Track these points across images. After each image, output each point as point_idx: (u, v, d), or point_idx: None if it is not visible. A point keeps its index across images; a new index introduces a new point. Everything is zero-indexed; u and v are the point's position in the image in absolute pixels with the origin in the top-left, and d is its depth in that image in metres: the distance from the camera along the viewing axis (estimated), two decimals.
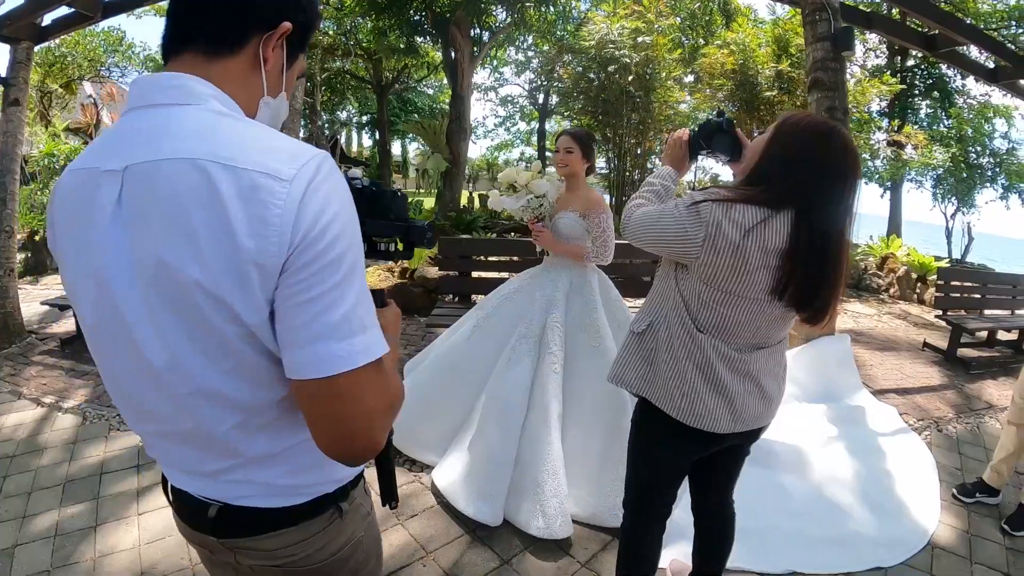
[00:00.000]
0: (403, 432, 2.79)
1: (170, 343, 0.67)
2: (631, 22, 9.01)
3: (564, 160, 2.71)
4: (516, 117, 25.30)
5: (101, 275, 0.68)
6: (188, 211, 0.62)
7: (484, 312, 2.91)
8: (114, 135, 0.71)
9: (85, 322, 0.74)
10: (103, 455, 2.87)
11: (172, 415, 0.73)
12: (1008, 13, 12.81)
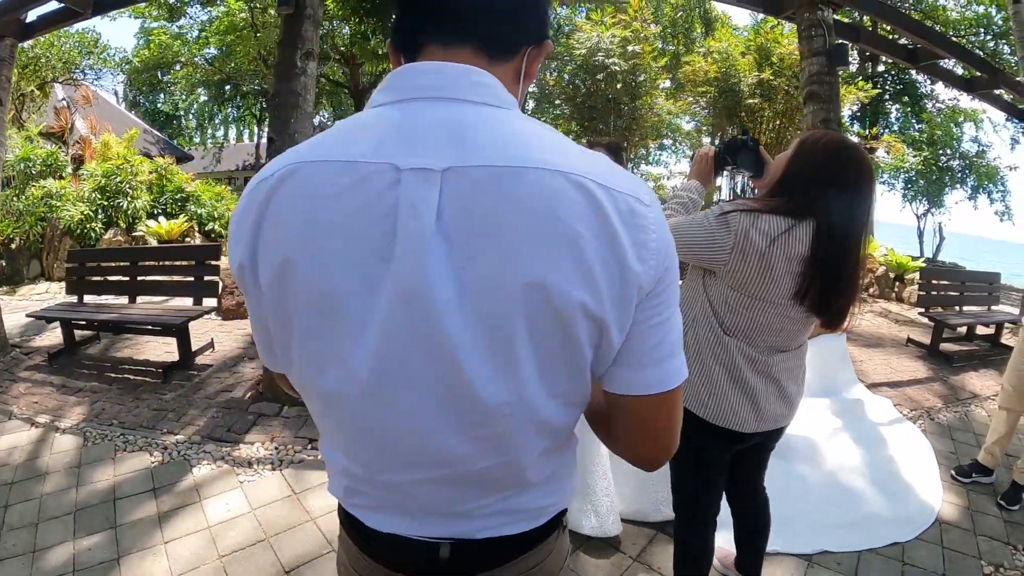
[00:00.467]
0: None
1: (519, 375, 0.60)
2: (619, 31, 9.25)
3: None
4: None
5: (415, 296, 0.56)
6: (574, 229, 0.55)
7: None
8: (385, 129, 0.60)
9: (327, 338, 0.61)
10: (113, 479, 2.60)
11: (472, 455, 0.64)
12: (976, 21, 13.51)
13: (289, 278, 0.60)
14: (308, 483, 2.59)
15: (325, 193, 0.58)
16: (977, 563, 2.33)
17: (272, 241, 0.60)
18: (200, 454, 2.79)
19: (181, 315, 4.01)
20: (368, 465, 0.69)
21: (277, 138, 3.19)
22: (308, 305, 0.60)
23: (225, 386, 3.64)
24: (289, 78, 3.16)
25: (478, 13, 0.63)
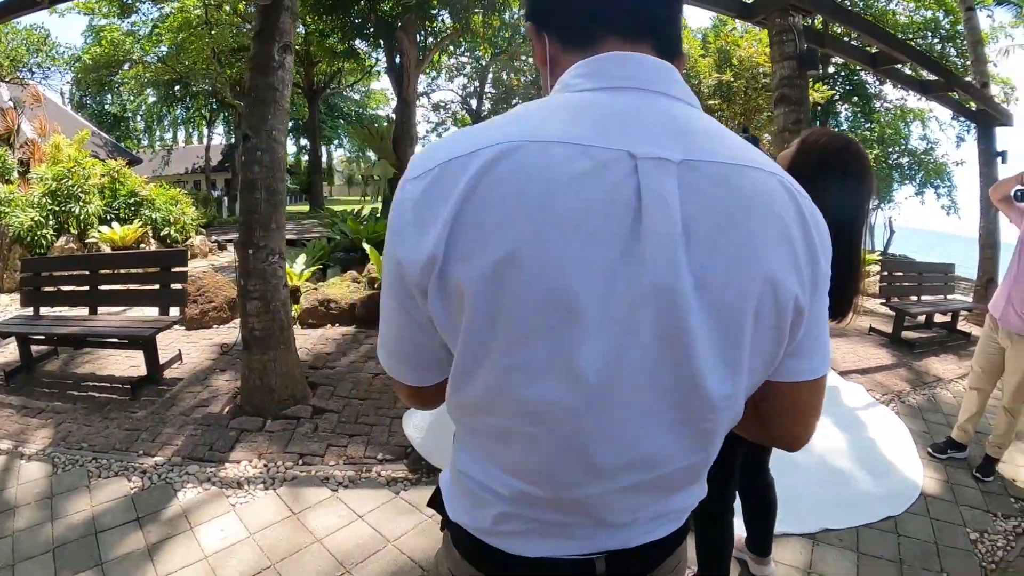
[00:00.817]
0: (443, 449, 2.77)
1: (740, 370, 0.60)
2: None
3: None
4: (448, 123, 25.27)
5: (664, 291, 0.54)
6: (790, 229, 0.58)
7: None
8: (609, 115, 0.57)
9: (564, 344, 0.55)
10: (91, 509, 2.40)
11: (681, 454, 0.63)
12: (924, 25, 14.27)
13: (511, 275, 0.52)
14: (306, 501, 2.47)
15: (559, 178, 0.52)
16: (963, 531, 2.52)
17: (486, 231, 0.53)
18: (183, 477, 2.62)
19: (149, 326, 3.80)
20: (559, 482, 0.63)
21: (254, 135, 3.03)
22: (531, 306, 0.53)
23: (200, 401, 3.46)
24: (266, 72, 3.02)
25: (656, 12, 0.64)
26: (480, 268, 0.53)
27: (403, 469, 2.82)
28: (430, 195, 0.55)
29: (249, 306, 3.15)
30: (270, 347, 3.20)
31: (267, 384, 3.22)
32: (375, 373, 4.02)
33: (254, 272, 3.12)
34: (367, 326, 5.25)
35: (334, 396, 3.58)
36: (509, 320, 0.54)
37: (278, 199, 3.16)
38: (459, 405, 0.66)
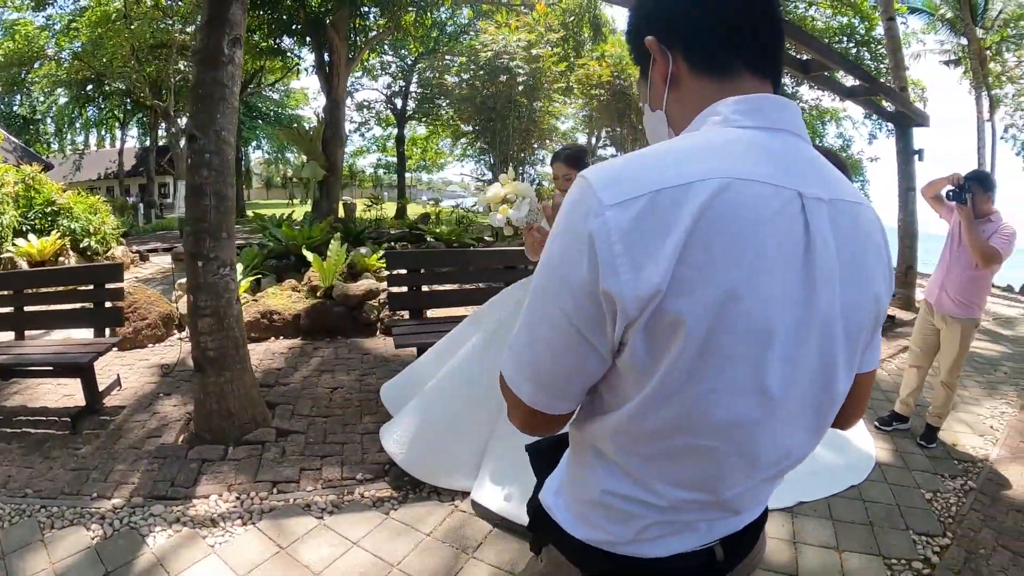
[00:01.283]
0: (427, 462, 2.76)
1: (852, 370, 0.71)
2: (525, 35, 9.36)
3: (564, 186, 2.92)
4: (372, 123, 24.72)
5: (829, 322, 0.63)
6: (882, 252, 0.71)
7: (494, 323, 2.95)
8: (776, 155, 0.62)
9: (757, 364, 0.60)
10: (51, 568, 2.10)
11: (809, 445, 0.74)
12: (840, 30, 15.38)
13: (730, 308, 0.56)
14: (293, 533, 2.33)
15: (763, 217, 0.57)
16: (919, 492, 2.81)
17: (711, 267, 0.55)
18: (148, 519, 2.37)
19: (86, 351, 3.45)
20: (724, 485, 0.69)
21: (201, 136, 2.80)
22: (740, 336, 0.58)
23: (149, 431, 3.18)
24: (216, 66, 2.79)
25: (778, 53, 0.72)
26: (703, 302, 0.56)
27: (386, 487, 2.72)
28: (645, 226, 0.56)
29: (201, 323, 2.92)
30: (226, 367, 2.99)
31: (225, 408, 3.01)
32: (333, 388, 3.87)
33: (205, 286, 2.90)
34: (313, 337, 5.04)
35: (295, 416, 3.41)
36: (719, 348, 0.58)
37: (228, 205, 2.96)
38: (638, 431, 0.66)
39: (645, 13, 0.75)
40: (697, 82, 0.70)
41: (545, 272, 0.64)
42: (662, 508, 0.70)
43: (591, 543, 0.76)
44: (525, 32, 9.31)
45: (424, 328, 4.14)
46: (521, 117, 9.95)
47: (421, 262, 4.64)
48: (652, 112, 0.76)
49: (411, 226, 9.50)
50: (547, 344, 0.65)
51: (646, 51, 0.73)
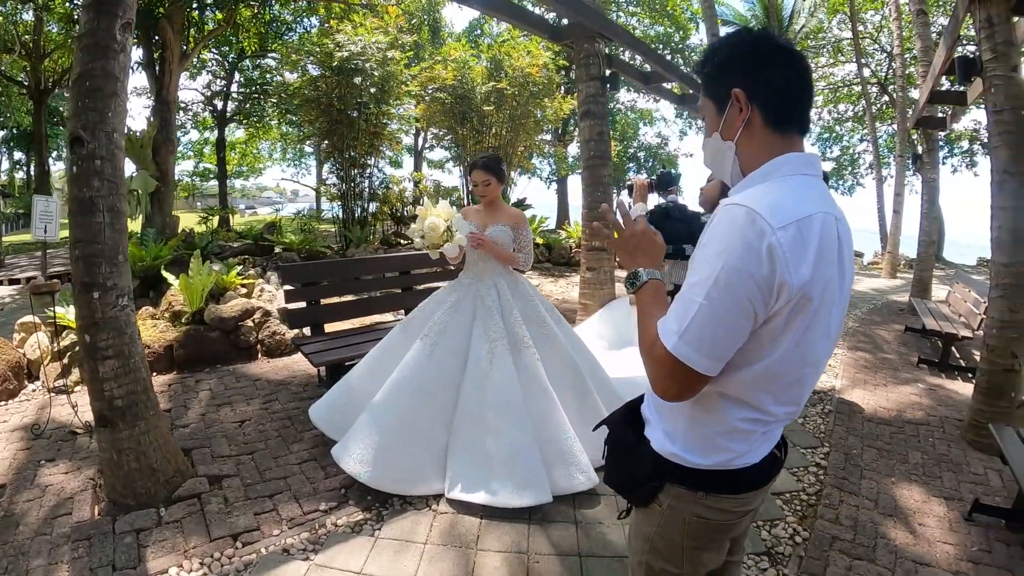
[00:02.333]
0: (395, 474, 2.71)
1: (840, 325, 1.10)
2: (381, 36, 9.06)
3: (484, 192, 3.08)
4: (188, 125, 21.50)
5: (847, 296, 1.06)
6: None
7: (434, 328, 2.97)
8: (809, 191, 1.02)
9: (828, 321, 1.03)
10: None
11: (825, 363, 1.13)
12: (657, 38, 17.63)
13: (829, 289, 0.98)
14: None
15: (833, 233, 0.99)
16: (798, 451, 3.41)
17: (823, 264, 0.96)
18: None
19: None
20: (804, 399, 1.11)
21: (90, 138, 2.29)
22: (827, 304, 1.00)
23: (50, 510, 2.50)
24: (105, 55, 2.30)
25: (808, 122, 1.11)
26: (820, 286, 0.96)
27: (355, 510, 2.61)
28: (797, 240, 0.93)
29: (103, 368, 2.41)
30: (139, 416, 2.53)
31: (147, 465, 2.53)
32: (240, 421, 3.47)
33: (104, 322, 2.40)
34: (191, 369, 4.39)
35: (216, 458, 3.00)
36: (819, 315, 0.99)
37: (123, 222, 2.48)
38: (769, 374, 1.03)
39: (744, 70, 1.05)
40: (764, 132, 1.06)
41: (726, 271, 0.93)
42: (768, 423, 1.09)
43: (714, 467, 1.10)
44: (381, 34, 9.00)
45: (336, 343, 3.93)
46: (370, 119, 9.58)
47: (317, 274, 4.31)
48: (723, 141, 1.11)
49: (257, 237, 8.55)
50: (728, 323, 0.95)
51: (727, 93, 1.06)
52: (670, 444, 1.13)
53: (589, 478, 2.74)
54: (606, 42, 5.98)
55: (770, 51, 1.04)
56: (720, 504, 1.13)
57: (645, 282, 1.16)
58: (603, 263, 6.20)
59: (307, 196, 35.92)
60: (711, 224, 1.00)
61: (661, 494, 1.16)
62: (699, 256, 1.00)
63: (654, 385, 1.05)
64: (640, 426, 1.23)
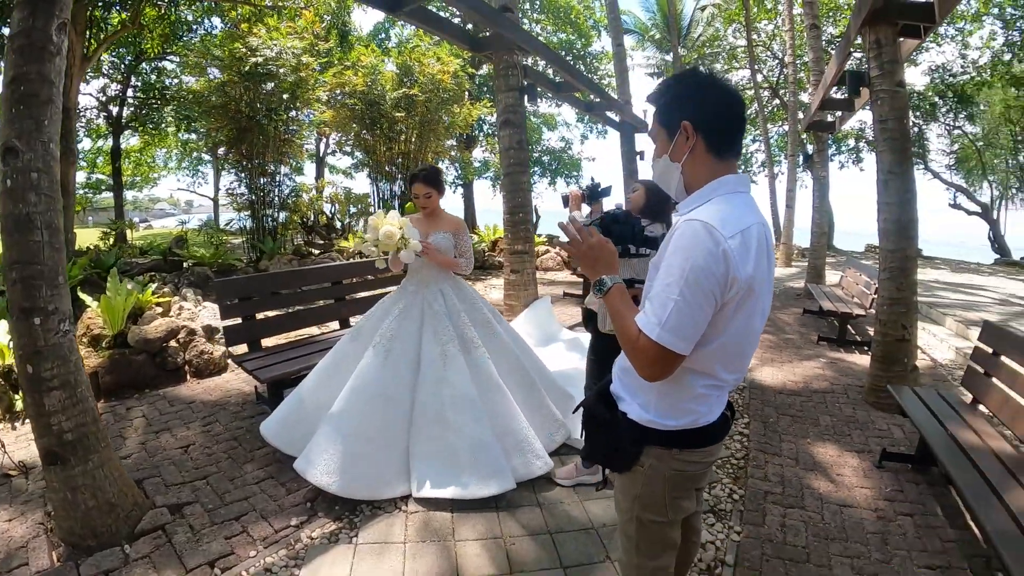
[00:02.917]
0: (363, 481, 2.77)
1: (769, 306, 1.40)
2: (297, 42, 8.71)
3: (425, 203, 3.22)
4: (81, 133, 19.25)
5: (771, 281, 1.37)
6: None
7: (387, 336, 3.06)
8: (745, 206, 1.29)
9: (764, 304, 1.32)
10: None
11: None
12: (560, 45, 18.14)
13: (761, 281, 1.27)
14: None
15: (766, 238, 1.29)
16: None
17: (759, 263, 1.25)
18: None
19: None
20: (744, 366, 1.40)
21: (25, 148, 2.11)
22: (761, 290, 1.28)
23: (1, 563, 2.29)
24: (41, 58, 2.14)
25: None
26: (759, 278, 1.25)
27: (327, 520, 2.65)
28: (742, 246, 1.21)
29: (49, 400, 2.25)
30: (92, 449, 2.38)
31: (105, 501, 2.39)
32: (184, 447, 3.34)
33: (47, 351, 2.24)
34: (119, 396, 4.10)
35: (170, 486, 2.89)
36: (758, 298, 1.29)
37: (61, 240, 2.32)
38: (723, 350, 1.30)
39: (692, 106, 1.31)
40: (706, 156, 1.32)
41: (693, 272, 1.18)
42: (722, 387, 1.37)
43: (684, 426, 1.37)
44: (297, 40, 8.65)
45: (276, 358, 3.86)
46: (279, 126, 9.20)
47: (252, 288, 4.17)
48: (671, 162, 1.36)
49: (165, 252, 7.94)
50: (698, 312, 1.21)
51: (677, 123, 1.32)
52: (645, 413, 1.38)
53: (546, 462, 2.97)
54: (523, 54, 6.22)
55: (712, 90, 1.31)
56: (691, 457, 1.40)
57: (610, 287, 1.37)
58: (526, 265, 6.46)
59: (202, 207, 33.36)
60: (673, 236, 1.26)
61: (643, 456, 1.41)
62: (668, 262, 1.23)
63: (640, 370, 1.27)
64: (613, 405, 1.47)
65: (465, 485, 2.77)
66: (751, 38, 18.08)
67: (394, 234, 2.93)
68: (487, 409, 2.96)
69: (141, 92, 13.54)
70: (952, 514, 2.74)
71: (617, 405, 1.46)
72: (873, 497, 2.91)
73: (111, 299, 4.29)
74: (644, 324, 1.23)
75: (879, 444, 3.47)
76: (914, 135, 19.47)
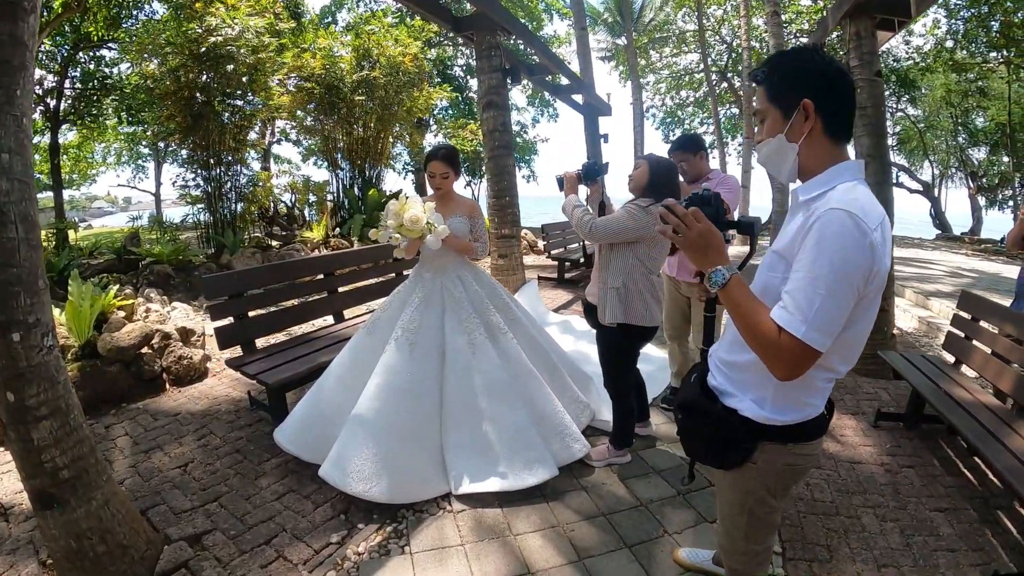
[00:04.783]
0: (401, 484, 2.60)
1: None
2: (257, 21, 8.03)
3: (441, 184, 3.01)
4: None
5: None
6: None
7: (410, 328, 2.87)
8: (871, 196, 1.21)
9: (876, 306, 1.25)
10: None
11: None
12: None
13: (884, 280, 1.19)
14: None
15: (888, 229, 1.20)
16: None
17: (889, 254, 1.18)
18: None
19: None
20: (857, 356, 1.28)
21: None
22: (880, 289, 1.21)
23: None
24: (14, 16, 1.75)
25: None
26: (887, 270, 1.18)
27: (370, 533, 2.45)
28: (883, 237, 1.13)
29: (38, 433, 1.89)
30: (94, 485, 2.04)
31: (117, 543, 2.06)
32: (182, 465, 3.03)
33: (32, 372, 1.86)
34: (96, 412, 3.67)
35: (179, 514, 2.59)
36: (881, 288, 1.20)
37: (39, 236, 1.94)
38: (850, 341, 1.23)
39: (813, 84, 1.22)
40: (824, 138, 1.23)
41: (844, 265, 1.09)
42: (835, 379, 1.31)
43: (797, 421, 1.30)
44: (257, 18, 7.96)
45: (277, 359, 3.54)
46: (236, 113, 8.56)
47: (245, 284, 3.81)
48: (787, 142, 1.26)
49: (120, 251, 7.25)
50: (844, 307, 1.12)
51: (794, 100, 1.22)
52: (760, 410, 1.30)
53: (584, 445, 2.91)
54: (505, 35, 6.01)
55: (835, 73, 1.22)
56: (804, 450, 1.36)
57: (729, 279, 1.24)
58: (513, 249, 6.33)
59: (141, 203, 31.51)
60: (814, 225, 1.13)
61: (755, 452, 1.35)
62: (813, 254, 1.12)
63: (777, 369, 1.16)
64: (714, 399, 1.39)
65: (505, 476, 2.66)
66: (702, 24, 18.36)
67: (420, 219, 2.72)
68: (521, 395, 2.85)
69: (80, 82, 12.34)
70: (947, 463, 3.04)
71: (718, 399, 1.38)
72: (877, 453, 3.15)
73: (77, 305, 3.82)
74: (787, 322, 1.13)
75: (870, 406, 3.72)
76: None
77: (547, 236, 8.34)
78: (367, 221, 9.49)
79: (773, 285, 1.25)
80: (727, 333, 1.45)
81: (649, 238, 2.57)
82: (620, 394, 2.88)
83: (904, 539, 2.40)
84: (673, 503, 2.65)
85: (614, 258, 2.65)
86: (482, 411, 2.76)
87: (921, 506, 2.63)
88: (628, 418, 2.93)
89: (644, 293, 2.63)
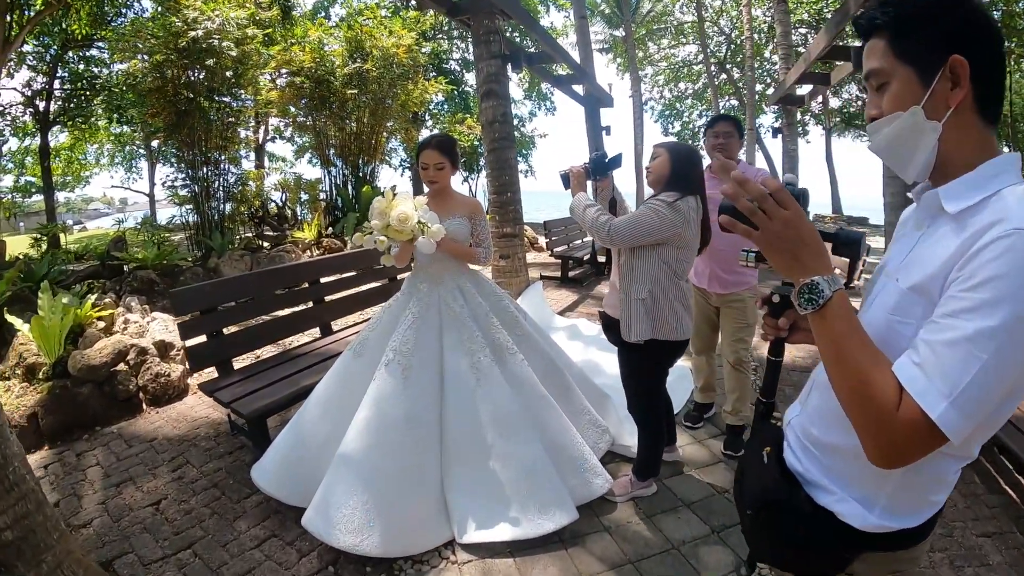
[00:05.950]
0: (398, 534, 2.27)
1: None
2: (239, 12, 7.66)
3: (435, 176, 2.62)
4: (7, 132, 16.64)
5: None
6: None
7: (404, 350, 2.50)
8: None
9: None
10: None
11: None
12: None
13: None
14: None
15: None
16: None
17: None
18: None
19: None
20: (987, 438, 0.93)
21: None
22: None
23: None
24: None
25: None
26: None
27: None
28: None
29: None
30: (43, 547, 1.76)
31: None
32: (153, 503, 2.72)
33: None
34: (65, 439, 3.36)
35: (148, 564, 2.28)
36: None
37: None
38: (999, 416, 0.80)
39: (963, 34, 0.79)
40: (975, 118, 0.82)
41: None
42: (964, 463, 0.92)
43: (920, 522, 0.93)
44: (238, 8, 7.59)
45: (257, 382, 3.15)
46: (222, 109, 8.21)
47: (219, 297, 3.44)
48: (926, 120, 0.82)
49: (103, 256, 6.92)
50: (1014, 383, 0.71)
51: (939, 59, 0.80)
52: (869, 514, 0.93)
53: (605, 479, 2.58)
54: (504, 19, 5.66)
55: (987, 23, 0.81)
56: (914, 553, 1.01)
57: (831, 298, 0.82)
58: (516, 250, 6.00)
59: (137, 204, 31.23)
60: (991, 251, 0.72)
61: (855, 562, 1.00)
62: (986, 297, 0.71)
63: (881, 449, 0.77)
64: (796, 485, 1.02)
65: (518, 522, 2.33)
66: (701, 14, 18.02)
67: (409, 217, 2.33)
68: (534, 426, 2.50)
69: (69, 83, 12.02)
70: (987, 479, 2.81)
71: (803, 488, 1.01)
72: None
73: (44, 320, 3.50)
74: (920, 390, 0.73)
75: None
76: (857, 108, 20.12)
77: (549, 232, 7.99)
78: (361, 220, 9.18)
79: (899, 337, 0.84)
80: (818, 396, 1.03)
81: (676, 238, 2.23)
82: (648, 421, 2.54)
83: (955, 572, 2.18)
84: (707, 542, 2.35)
85: (638, 264, 2.27)
86: (489, 446, 2.43)
87: (968, 531, 2.42)
88: (656, 447, 2.59)
89: (674, 302, 2.29)
